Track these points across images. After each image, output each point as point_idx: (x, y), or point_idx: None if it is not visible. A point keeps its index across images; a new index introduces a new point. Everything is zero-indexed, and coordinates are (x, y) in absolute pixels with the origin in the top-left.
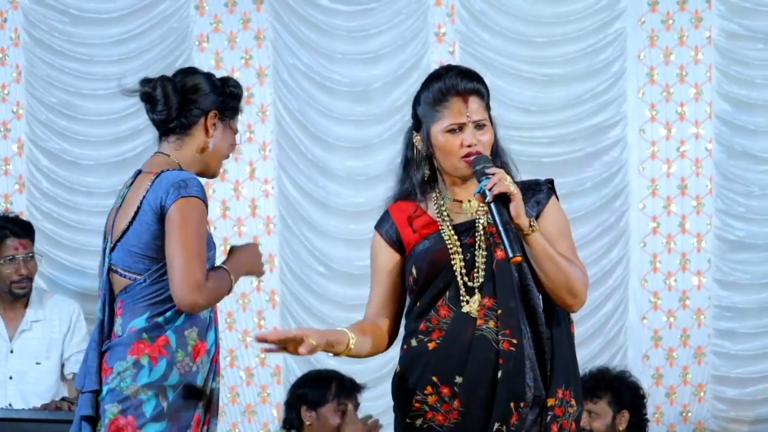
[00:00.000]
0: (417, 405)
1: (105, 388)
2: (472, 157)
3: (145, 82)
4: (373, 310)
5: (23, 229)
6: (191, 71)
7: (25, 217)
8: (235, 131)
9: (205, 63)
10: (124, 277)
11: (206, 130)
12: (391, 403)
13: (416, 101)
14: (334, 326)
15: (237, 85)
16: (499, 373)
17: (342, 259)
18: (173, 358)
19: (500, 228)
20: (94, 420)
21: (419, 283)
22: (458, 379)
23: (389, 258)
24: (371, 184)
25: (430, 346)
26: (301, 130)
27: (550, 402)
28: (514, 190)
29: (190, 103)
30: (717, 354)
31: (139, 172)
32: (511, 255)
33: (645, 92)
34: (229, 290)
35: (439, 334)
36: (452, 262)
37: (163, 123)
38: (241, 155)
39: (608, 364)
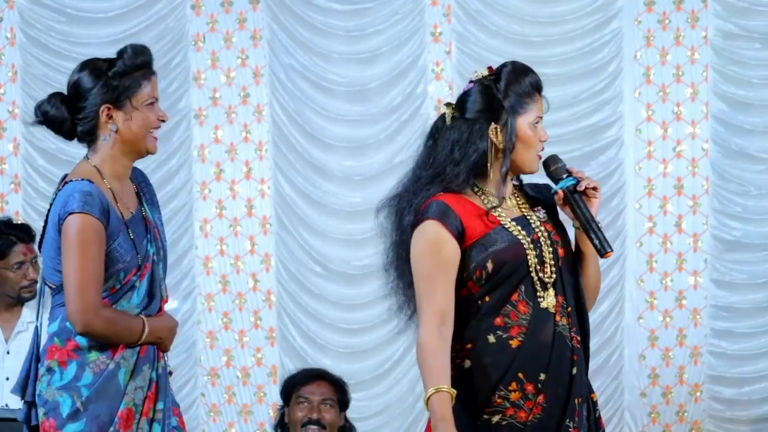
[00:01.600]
0: (498, 401)
1: (37, 394)
2: (547, 155)
3: (37, 107)
4: (447, 306)
5: (26, 234)
6: (75, 70)
7: (20, 216)
8: (144, 104)
9: (201, 63)
10: (47, 286)
11: (104, 126)
12: (389, 402)
13: (505, 93)
14: (331, 325)
15: (132, 55)
16: (574, 370)
17: (338, 259)
18: (84, 359)
19: (591, 223)
20: (33, 427)
21: (494, 277)
22: (542, 377)
23: (455, 250)
24: (368, 184)
25: (513, 343)
26: (297, 130)
27: (594, 397)
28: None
29: (77, 110)
30: (713, 354)
31: (65, 176)
32: (606, 250)
33: (641, 92)
34: (137, 336)
35: (519, 330)
36: (527, 257)
37: (70, 137)
38: (237, 155)
39: (605, 363)
